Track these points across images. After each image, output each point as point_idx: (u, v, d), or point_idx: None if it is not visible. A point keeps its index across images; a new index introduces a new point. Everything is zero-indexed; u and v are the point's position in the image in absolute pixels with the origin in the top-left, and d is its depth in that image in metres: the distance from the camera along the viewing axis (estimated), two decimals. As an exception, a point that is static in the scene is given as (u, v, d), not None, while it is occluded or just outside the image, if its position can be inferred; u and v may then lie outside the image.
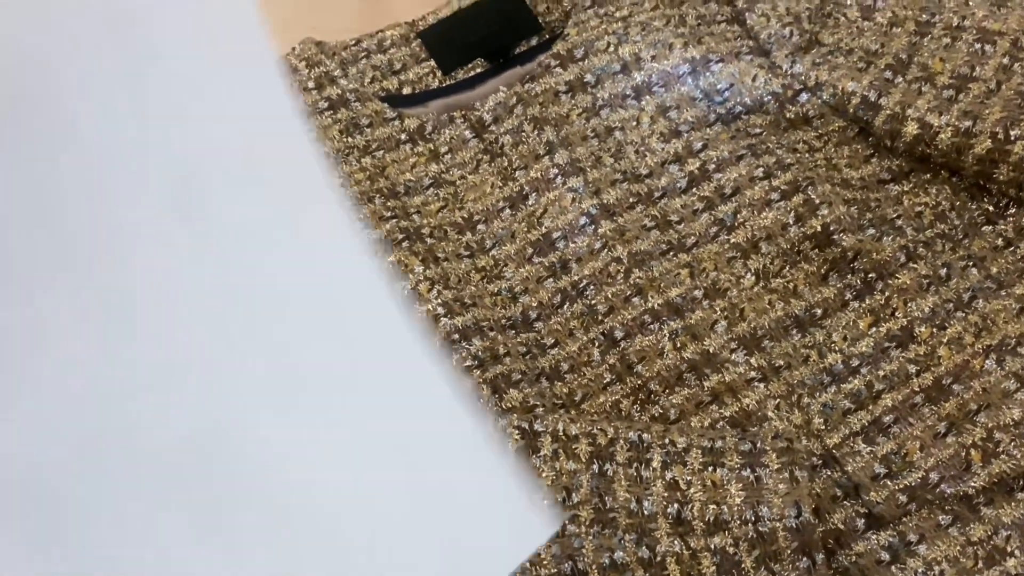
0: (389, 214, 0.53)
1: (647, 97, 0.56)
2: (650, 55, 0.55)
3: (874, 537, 0.44)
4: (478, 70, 0.60)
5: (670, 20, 0.56)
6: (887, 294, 0.49)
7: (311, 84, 0.57)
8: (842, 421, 0.47)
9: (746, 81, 0.55)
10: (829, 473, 0.45)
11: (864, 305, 0.49)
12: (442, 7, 0.62)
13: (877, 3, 0.56)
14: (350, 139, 0.56)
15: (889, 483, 0.45)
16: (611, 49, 0.56)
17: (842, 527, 0.44)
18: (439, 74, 0.60)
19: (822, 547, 0.41)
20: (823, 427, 0.47)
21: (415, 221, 0.53)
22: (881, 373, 0.48)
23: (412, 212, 0.54)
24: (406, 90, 0.60)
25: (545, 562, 0.42)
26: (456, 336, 0.49)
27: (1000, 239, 0.51)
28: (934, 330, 0.48)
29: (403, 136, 0.56)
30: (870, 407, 0.47)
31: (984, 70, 0.52)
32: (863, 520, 0.44)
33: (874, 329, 0.49)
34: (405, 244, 0.52)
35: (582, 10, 0.58)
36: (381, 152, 0.56)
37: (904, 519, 0.44)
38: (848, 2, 0.56)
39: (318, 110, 0.56)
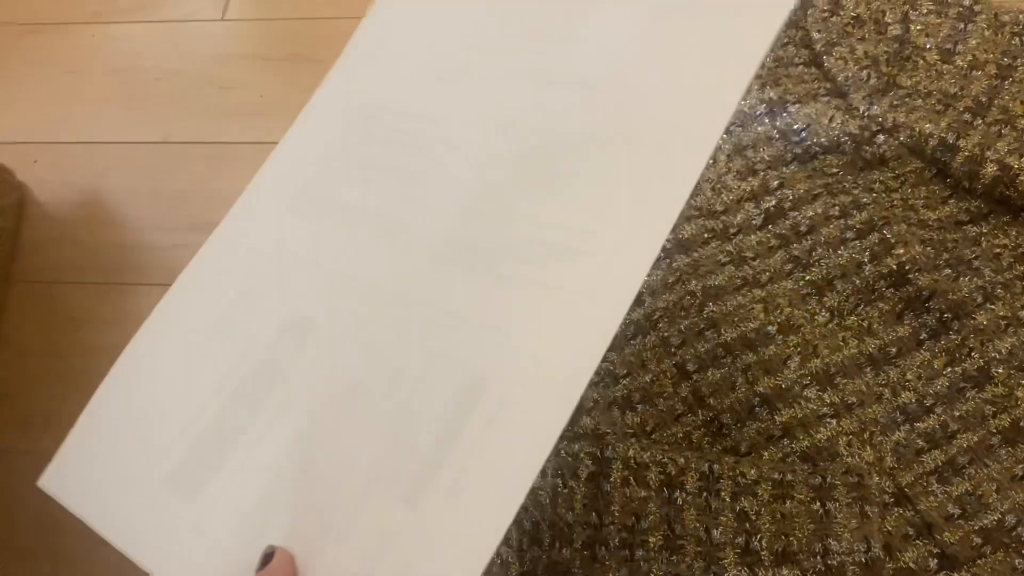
0: None
1: (724, 136, 0.57)
2: (727, 96, 0.57)
3: (947, 578, 0.43)
4: (559, 109, 0.62)
5: (748, 62, 0.58)
6: (963, 334, 0.49)
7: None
8: (915, 460, 0.46)
9: (823, 122, 0.55)
10: (901, 511, 0.45)
11: (940, 345, 0.49)
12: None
13: (957, 47, 0.56)
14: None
15: (963, 524, 0.44)
16: (689, 90, 0.57)
17: (914, 566, 0.44)
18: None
19: (891, 583, 0.41)
20: (896, 465, 0.46)
21: None
22: (956, 413, 0.47)
23: None
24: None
25: (613, 587, 0.43)
26: None
27: (1083, 283, 0.51)
28: (1012, 371, 0.47)
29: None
30: (944, 447, 0.46)
31: (1067, 113, 0.52)
32: (936, 560, 0.44)
33: (949, 369, 0.48)
34: None
35: (661, 52, 0.60)
36: None
37: (979, 561, 0.43)
38: (927, 45, 0.57)
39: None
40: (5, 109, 0.62)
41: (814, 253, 0.52)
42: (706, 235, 0.54)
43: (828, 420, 0.48)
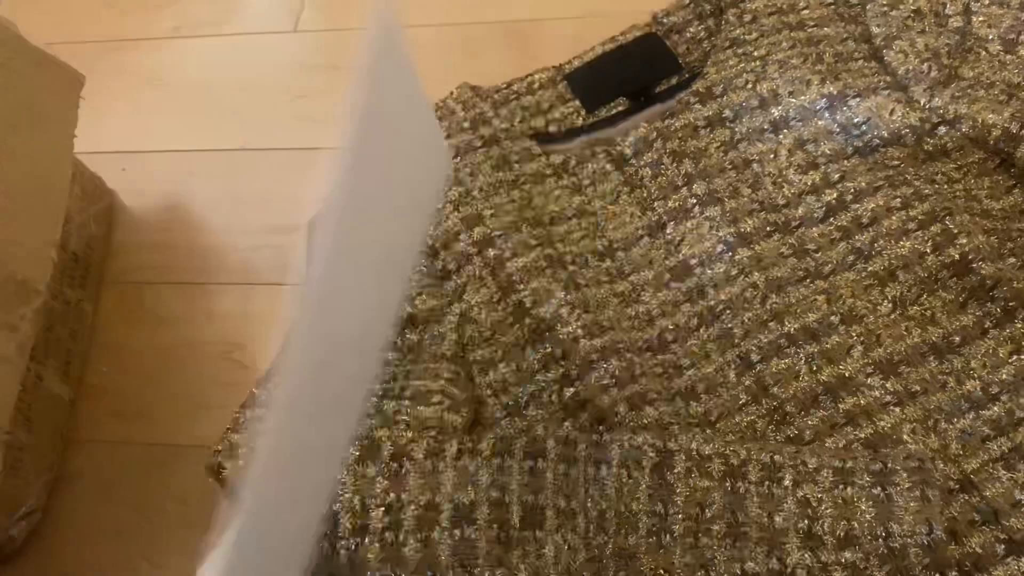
0: (535, 242, 0.57)
1: (785, 131, 0.58)
2: (788, 91, 0.58)
3: (1015, 563, 0.43)
4: (620, 108, 0.64)
5: (807, 58, 0.58)
6: (1029, 323, 0.49)
7: (467, 124, 0.62)
8: (981, 447, 0.47)
9: (883, 115, 0.56)
10: (967, 498, 0.45)
11: (1004, 333, 0.49)
12: (587, 51, 0.67)
13: (1020, 37, 0.56)
14: (501, 174, 0.60)
15: (1031, 510, 0.45)
16: (749, 86, 0.58)
17: (981, 552, 0.44)
18: (583, 113, 0.64)
19: (956, 566, 0.41)
20: (960, 452, 0.47)
21: (559, 249, 0.57)
22: (1022, 401, 0.47)
23: (556, 240, 0.58)
24: (552, 128, 0.64)
25: (678, 570, 0.44)
26: (595, 356, 0.52)
27: None
28: (1079, 359, 0.47)
29: (549, 170, 0.61)
30: (1010, 434, 0.47)
31: None
32: (1003, 546, 0.44)
33: (1015, 357, 0.49)
34: (548, 271, 0.55)
35: (721, 50, 0.61)
36: (529, 185, 0.60)
37: (1047, 547, 0.44)
38: (990, 36, 0.57)
39: (472, 148, 0.61)
40: (94, 121, 0.65)
41: (876, 244, 0.53)
42: (768, 228, 0.55)
43: (892, 408, 0.49)
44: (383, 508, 0.46)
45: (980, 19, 0.58)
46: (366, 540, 0.45)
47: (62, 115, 0.58)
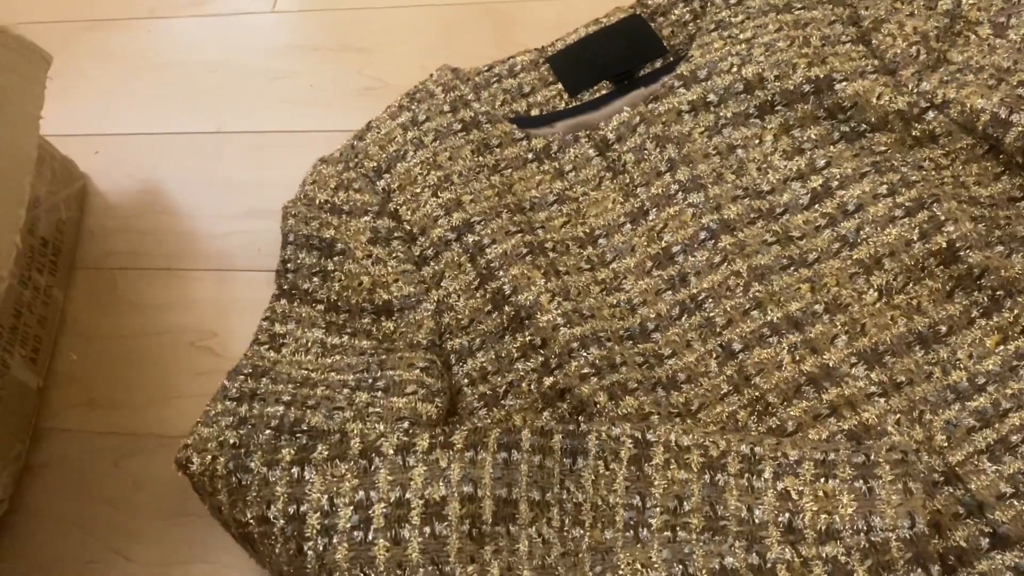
0: (515, 228, 0.55)
1: (770, 116, 0.56)
2: (773, 75, 0.56)
3: (999, 557, 0.43)
4: (603, 92, 0.62)
5: (794, 41, 0.57)
6: (1016, 312, 0.48)
7: (447, 107, 0.61)
8: (966, 439, 0.46)
9: (871, 99, 0.55)
10: (951, 490, 0.45)
11: (991, 323, 0.48)
12: (570, 33, 0.65)
13: (1011, 20, 0.55)
14: (481, 158, 0.59)
15: (1016, 503, 0.44)
16: (734, 70, 0.57)
17: (964, 545, 0.43)
18: (566, 96, 0.63)
19: (938, 559, 0.40)
20: (945, 444, 0.46)
21: (539, 235, 0.56)
22: (1009, 392, 0.46)
23: (537, 227, 0.56)
24: (534, 112, 0.63)
25: (656, 565, 0.43)
26: (575, 345, 0.51)
27: None
28: (1067, 349, 0.46)
29: (530, 155, 0.59)
30: (996, 425, 0.46)
31: (1126, 85, 0.50)
32: (987, 539, 0.43)
33: (1002, 347, 0.48)
34: (528, 258, 0.54)
35: (706, 33, 0.60)
36: (509, 170, 0.59)
37: (1032, 540, 0.43)
38: (980, 20, 0.56)
39: (452, 131, 0.60)
40: (67, 103, 0.64)
41: (862, 232, 0.52)
42: (752, 215, 0.54)
43: (877, 399, 0.48)
44: (352, 506, 0.45)
45: (970, 2, 0.56)
46: (334, 540, 0.44)
47: (27, 95, 0.56)
